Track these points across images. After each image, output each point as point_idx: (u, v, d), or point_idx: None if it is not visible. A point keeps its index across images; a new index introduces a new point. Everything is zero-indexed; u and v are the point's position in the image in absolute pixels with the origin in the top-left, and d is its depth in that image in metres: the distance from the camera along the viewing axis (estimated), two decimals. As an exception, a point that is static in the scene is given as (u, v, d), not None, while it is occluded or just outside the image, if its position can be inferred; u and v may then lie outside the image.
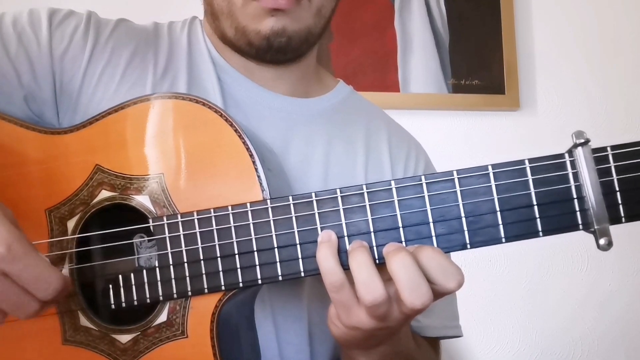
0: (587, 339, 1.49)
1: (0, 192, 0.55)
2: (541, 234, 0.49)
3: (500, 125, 1.50)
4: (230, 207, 0.52)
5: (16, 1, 0.83)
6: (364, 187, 0.50)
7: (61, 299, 0.51)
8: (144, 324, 0.54)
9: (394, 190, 0.50)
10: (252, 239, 0.51)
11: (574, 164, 0.49)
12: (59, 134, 0.57)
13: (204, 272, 0.52)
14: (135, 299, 0.53)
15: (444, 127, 1.47)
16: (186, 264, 0.52)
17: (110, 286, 0.54)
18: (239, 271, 0.51)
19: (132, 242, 0.56)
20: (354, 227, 0.50)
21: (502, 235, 0.49)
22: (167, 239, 0.53)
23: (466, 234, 0.49)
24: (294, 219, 0.51)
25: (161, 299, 0.53)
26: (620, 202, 0.48)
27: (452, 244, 0.49)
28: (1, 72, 0.61)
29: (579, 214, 0.49)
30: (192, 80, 0.68)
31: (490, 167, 0.49)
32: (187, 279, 0.52)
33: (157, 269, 0.53)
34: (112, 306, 0.54)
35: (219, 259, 0.52)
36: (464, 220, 0.49)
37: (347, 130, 0.73)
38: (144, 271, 0.53)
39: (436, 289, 0.46)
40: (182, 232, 0.53)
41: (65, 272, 0.55)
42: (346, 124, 0.74)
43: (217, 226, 0.52)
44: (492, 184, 0.49)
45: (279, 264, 0.51)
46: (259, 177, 0.53)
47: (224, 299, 0.52)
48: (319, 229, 0.50)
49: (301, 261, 0.51)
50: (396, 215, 0.50)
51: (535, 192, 0.49)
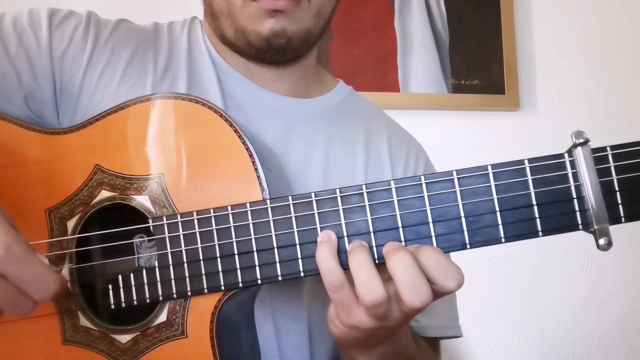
0: (587, 339, 1.49)
1: (0, 193, 0.55)
2: (541, 234, 0.49)
3: (500, 125, 1.49)
4: (230, 207, 0.52)
5: (16, 1, 0.83)
6: (364, 187, 0.50)
7: (59, 298, 0.51)
8: (143, 324, 0.54)
9: (394, 190, 0.50)
10: (251, 239, 0.51)
11: (573, 164, 0.49)
12: (59, 134, 0.57)
13: (203, 272, 0.52)
14: (135, 299, 0.53)
15: (444, 127, 1.47)
16: (186, 264, 0.52)
17: (110, 286, 0.54)
18: (239, 271, 0.52)
19: (132, 242, 0.56)
20: (354, 227, 0.50)
21: (502, 235, 0.49)
22: (167, 239, 0.53)
23: (466, 234, 0.49)
24: (294, 219, 0.51)
25: (161, 299, 0.53)
26: (619, 202, 0.48)
27: (451, 244, 0.49)
28: (1, 72, 0.61)
29: (578, 213, 0.49)
30: (192, 80, 0.68)
31: (489, 167, 0.49)
32: (187, 279, 0.52)
33: (157, 269, 0.53)
34: (112, 306, 0.54)
35: (219, 259, 0.52)
36: (463, 220, 0.49)
37: (347, 130, 0.73)
38: (144, 271, 0.53)
39: (436, 289, 0.46)
40: (181, 232, 0.53)
41: (65, 272, 0.55)
42: (346, 124, 0.74)
43: (216, 226, 0.52)
44: (492, 184, 0.49)
45: (278, 264, 0.51)
46: (258, 177, 0.53)
47: (223, 299, 0.52)
48: (319, 229, 0.50)
49: (301, 261, 0.51)
50: (396, 215, 0.50)
51: (534, 192, 0.49)
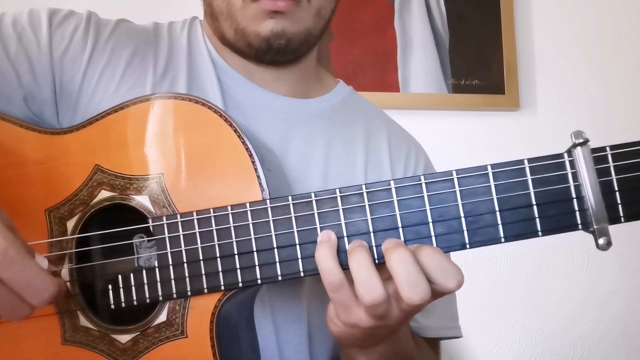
0: (587, 339, 1.49)
1: None
2: (540, 233, 0.49)
3: (500, 125, 1.50)
4: (229, 207, 0.52)
5: (16, 1, 0.83)
6: (364, 187, 0.50)
7: (56, 301, 0.51)
8: (143, 324, 0.54)
9: (394, 190, 0.50)
10: (251, 239, 0.51)
11: (573, 164, 0.49)
12: (59, 134, 0.57)
13: (203, 272, 0.52)
14: (134, 299, 0.53)
15: (444, 127, 1.47)
16: (186, 264, 0.52)
17: (109, 286, 0.54)
18: (239, 271, 0.51)
19: (132, 242, 0.56)
20: (354, 227, 0.50)
21: (502, 235, 0.49)
22: (167, 239, 0.53)
23: (465, 233, 0.49)
24: (294, 219, 0.51)
25: (161, 299, 0.53)
26: (619, 201, 0.48)
27: (451, 243, 0.49)
28: (1, 72, 0.61)
29: (578, 213, 0.49)
30: (191, 80, 0.68)
31: (489, 167, 0.49)
32: (187, 279, 0.52)
33: (157, 269, 0.53)
34: (112, 306, 0.54)
35: (219, 259, 0.52)
36: (463, 220, 0.49)
37: (347, 130, 0.73)
38: (144, 271, 0.53)
39: (436, 289, 0.46)
40: (181, 232, 0.53)
41: (64, 272, 0.55)
42: (346, 125, 0.74)
43: (216, 226, 0.52)
44: (492, 183, 0.49)
45: (278, 264, 0.51)
46: (258, 177, 0.53)
47: (223, 299, 0.52)
48: (319, 229, 0.50)
49: (301, 261, 0.51)
50: (395, 215, 0.50)
51: (534, 192, 0.49)
